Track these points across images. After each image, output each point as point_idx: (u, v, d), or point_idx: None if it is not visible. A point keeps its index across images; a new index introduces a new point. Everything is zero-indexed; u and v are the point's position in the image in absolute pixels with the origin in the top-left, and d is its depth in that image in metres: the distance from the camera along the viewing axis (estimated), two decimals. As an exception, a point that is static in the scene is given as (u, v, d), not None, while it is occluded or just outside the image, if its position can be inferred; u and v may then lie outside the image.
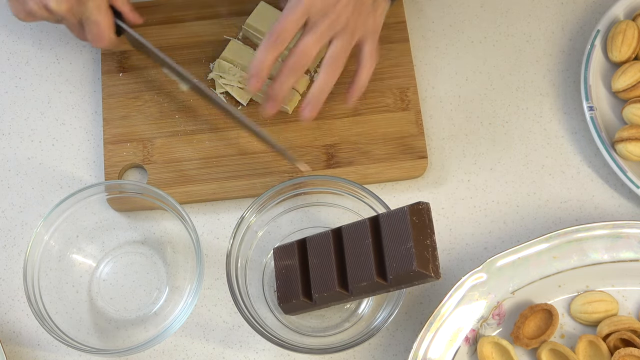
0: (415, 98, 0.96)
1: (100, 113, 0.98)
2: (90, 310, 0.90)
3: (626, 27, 0.95)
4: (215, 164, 0.94)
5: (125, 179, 0.95)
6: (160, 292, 0.91)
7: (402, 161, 0.94)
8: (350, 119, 0.96)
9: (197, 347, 0.89)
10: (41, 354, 0.89)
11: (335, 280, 0.79)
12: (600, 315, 0.87)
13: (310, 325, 0.88)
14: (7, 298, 0.92)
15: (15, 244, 0.94)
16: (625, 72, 0.94)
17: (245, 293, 0.85)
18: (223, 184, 0.93)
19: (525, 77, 0.99)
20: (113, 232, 0.93)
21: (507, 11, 1.03)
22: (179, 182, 0.93)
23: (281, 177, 0.93)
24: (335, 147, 0.95)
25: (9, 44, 1.02)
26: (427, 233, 0.76)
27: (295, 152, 0.93)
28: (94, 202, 0.89)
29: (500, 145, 0.97)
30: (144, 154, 0.95)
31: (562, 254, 0.87)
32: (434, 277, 0.75)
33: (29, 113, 0.99)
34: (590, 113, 0.94)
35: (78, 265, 0.91)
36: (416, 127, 0.95)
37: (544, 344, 0.85)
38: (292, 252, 0.84)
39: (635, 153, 0.91)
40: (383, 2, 0.88)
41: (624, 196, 0.94)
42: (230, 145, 0.95)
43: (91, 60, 1.01)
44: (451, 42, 1.01)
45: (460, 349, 0.86)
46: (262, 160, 0.94)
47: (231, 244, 0.83)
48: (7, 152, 0.97)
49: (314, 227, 0.91)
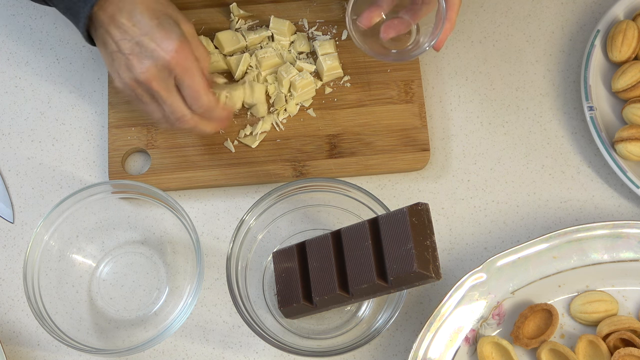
0: (420, 91, 0.96)
1: (101, 113, 0.98)
2: (90, 310, 0.90)
3: (626, 27, 0.95)
4: (217, 150, 0.95)
5: (128, 163, 0.96)
6: (160, 292, 0.91)
7: (405, 153, 0.94)
8: (353, 110, 0.96)
9: (197, 347, 0.89)
10: (41, 354, 0.89)
11: (335, 282, 0.79)
12: (600, 315, 0.87)
13: (310, 327, 0.88)
14: (7, 298, 0.92)
15: (15, 244, 0.94)
16: (625, 72, 0.94)
17: (245, 296, 0.85)
18: (225, 171, 0.94)
19: (525, 77, 0.99)
20: (113, 232, 0.93)
21: (507, 11, 1.02)
22: (181, 168, 0.94)
23: (283, 165, 0.94)
24: (338, 137, 0.95)
25: (9, 44, 1.02)
26: (427, 234, 0.75)
27: (297, 141, 0.94)
28: (94, 202, 0.89)
29: (500, 145, 0.97)
30: (147, 139, 0.95)
31: (562, 254, 0.87)
32: (434, 277, 0.75)
33: (29, 113, 0.99)
34: (590, 113, 0.94)
35: (78, 265, 0.91)
36: (419, 120, 0.95)
37: (543, 343, 0.85)
38: (291, 256, 0.84)
39: (635, 153, 0.91)
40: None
41: (624, 196, 0.94)
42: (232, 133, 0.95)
43: (91, 60, 1.01)
44: (451, 42, 1.01)
45: (460, 349, 0.86)
46: (263, 148, 0.95)
47: (231, 247, 0.83)
48: (7, 152, 0.97)
49: (314, 229, 0.91)
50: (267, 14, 0.99)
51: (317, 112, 0.96)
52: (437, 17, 0.86)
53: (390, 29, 0.89)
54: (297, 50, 0.98)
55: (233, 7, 1.00)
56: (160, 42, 0.80)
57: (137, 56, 0.81)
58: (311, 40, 0.99)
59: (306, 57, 0.99)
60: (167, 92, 0.83)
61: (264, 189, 0.94)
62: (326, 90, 0.97)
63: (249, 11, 1.00)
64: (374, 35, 0.89)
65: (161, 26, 0.81)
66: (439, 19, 0.86)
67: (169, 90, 0.83)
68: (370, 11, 0.88)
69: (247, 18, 1.00)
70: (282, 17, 0.99)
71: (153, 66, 0.81)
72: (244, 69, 0.97)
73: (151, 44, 0.80)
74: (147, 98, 0.84)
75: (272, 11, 1.00)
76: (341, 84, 0.97)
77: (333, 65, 0.96)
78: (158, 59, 0.80)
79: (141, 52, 0.81)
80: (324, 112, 0.96)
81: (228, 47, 0.97)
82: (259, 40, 0.98)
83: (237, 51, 0.98)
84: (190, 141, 0.95)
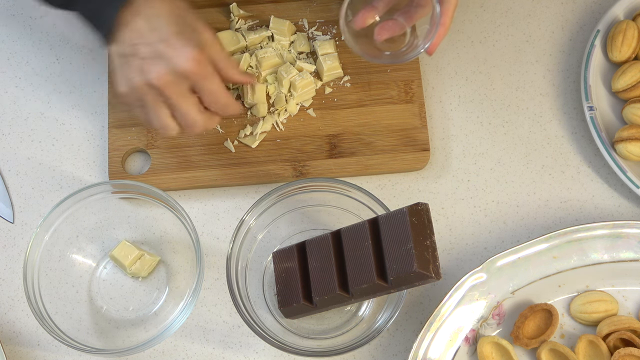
0: (420, 91, 0.96)
1: (101, 113, 0.98)
2: (90, 310, 0.90)
3: (626, 27, 0.95)
4: (217, 150, 0.95)
5: (128, 163, 0.96)
6: (160, 292, 0.91)
7: (405, 153, 0.94)
8: (353, 110, 0.96)
9: (197, 347, 0.89)
10: (41, 354, 0.89)
11: (335, 282, 0.79)
12: (600, 315, 0.87)
13: (310, 327, 0.88)
14: (7, 298, 0.92)
15: (15, 244, 0.94)
16: (625, 72, 0.94)
17: (245, 296, 0.85)
18: (225, 171, 0.94)
19: (525, 77, 0.99)
20: (113, 232, 0.93)
21: (507, 11, 1.02)
22: (181, 168, 0.94)
23: (283, 165, 0.94)
24: (338, 137, 0.95)
25: (9, 44, 1.02)
26: (427, 234, 0.76)
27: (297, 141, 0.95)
28: (94, 202, 0.89)
29: (500, 145, 0.97)
30: (147, 139, 0.95)
31: (562, 254, 0.87)
32: (434, 277, 0.75)
33: (29, 113, 0.99)
34: (590, 113, 0.94)
35: (78, 265, 0.91)
36: (419, 120, 0.95)
37: (543, 343, 0.85)
38: (291, 256, 0.84)
39: (635, 153, 0.91)
40: None
41: (624, 196, 0.94)
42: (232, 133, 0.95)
43: (91, 60, 1.01)
44: (451, 42, 1.01)
45: (460, 349, 0.86)
46: (263, 148, 0.95)
47: (231, 247, 0.83)
48: (7, 152, 0.97)
49: (314, 229, 0.91)
50: (267, 14, 1.00)
51: (317, 112, 0.96)
52: (431, 21, 0.86)
53: (385, 30, 0.89)
54: (297, 50, 0.98)
55: (233, 7, 1.00)
56: (179, 49, 0.79)
57: (153, 61, 0.80)
58: (311, 40, 0.99)
59: (306, 57, 0.99)
60: (180, 98, 0.82)
61: (264, 189, 0.95)
62: (326, 90, 0.97)
63: (249, 11, 1.00)
64: (367, 37, 0.89)
65: (180, 34, 0.80)
66: (433, 23, 0.86)
67: (183, 96, 0.82)
68: (366, 11, 0.88)
69: (247, 18, 1.00)
70: (282, 17, 0.99)
71: (169, 72, 0.80)
72: (244, 69, 0.97)
73: (169, 50, 0.79)
74: (153, 104, 0.82)
75: (272, 11, 1.00)
76: (341, 84, 0.97)
77: (333, 65, 0.96)
78: (175, 66, 0.79)
79: (159, 57, 0.80)
80: (324, 112, 0.96)
81: (228, 47, 0.97)
82: (259, 40, 0.99)
83: (237, 51, 0.98)
84: (190, 141, 0.95)
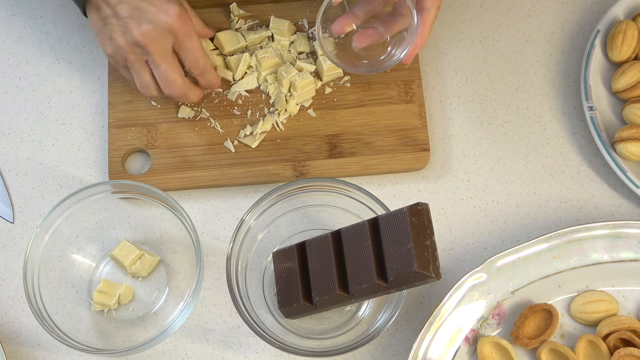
0: (420, 91, 0.96)
1: (101, 113, 0.98)
2: (90, 310, 0.90)
3: (626, 27, 0.95)
4: (217, 150, 0.95)
5: (128, 163, 0.96)
6: (160, 292, 0.91)
7: (405, 153, 0.94)
8: (353, 110, 0.96)
9: (197, 347, 0.89)
10: (41, 354, 0.89)
11: (335, 283, 0.79)
12: (600, 315, 0.87)
13: (310, 327, 0.88)
14: (7, 298, 0.92)
15: (15, 244, 0.94)
16: (625, 72, 0.94)
17: (245, 296, 0.85)
18: (225, 171, 0.94)
19: (525, 77, 0.99)
20: (113, 232, 0.93)
21: (507, 11, 1.02)
22: (181, 168, 0.94)
23: (283, 165, 0.94)
24: (338, 137, 0.95)
25: (9, 44, 1.02)
26: (427, 234, 0.75)
27: (297, 141, 0.95)
28: (94, 202, 0.89)
29: (500, 145, 0.97)
30: (147, 139, 0.95)
31: (562, 254, 0.87)
32: (434, 277, 0.75)
33: (29, 113, 0.99)
34: (590, 113, 0.94)
35: (78, 265, 0.91)
36: (419, 120, 0.95)
37: (543, 343, 0.85)
38: (291, 256, 0.84)
39: (635, 153, 0.91)
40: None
41: (624, 196, 0.94)
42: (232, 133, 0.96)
43: (91, 60, 1.01)
44: (451, 42, 1.01)
45: (460, 349, 0.86)
46: (263, 148, 0.95)
47: (231, 247, 0.83)
48: (7, 152, 0.97)
49: (314, 229, 0.91)
50: (267, 14, 1.00)
51: (317, 112, 0.96)
52: (408, 31, 0.86)
53: (364, 37, 0.89)
54: (297, 50, 0.98)
55: (233, 7, 1.00)
56: (161, 6, 0.82)
57: (136, 20, 0.83)
58: (311, 40, 0.99)
59: (306, 57, 0.99)
60: (162, 56, 0.85)
61: (264, 189, 0.95)
62: (326, 90, 0.97)
63: (249, 11, 1.00)
64: (345, 46, 0.89)
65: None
66: (410, 32, 0.86)
67: (165, 54, 0.85)
68: (344, 18, 0.88)
69: (247, 18, 1.00)
70: (282, 17, 0.99)
71: (153, 29, 0.83)
72: (243, 69, 0.97)
73: (152, 7, 0.82)
74: (136, 63, 0.86)
75: (272, 11, 1.00)
76: (341, 84, 0.97)
77: (333, 65, 0.96)
78: (159, 23, 0.82)
79: (141, 15, 0.82)
80: (324, 112, 0.96)
81: (228, 47, 0.97)
82: (259, 40, 0.99)
83: (237, 51, 0.98)
84: (190, 141, 0.95)
